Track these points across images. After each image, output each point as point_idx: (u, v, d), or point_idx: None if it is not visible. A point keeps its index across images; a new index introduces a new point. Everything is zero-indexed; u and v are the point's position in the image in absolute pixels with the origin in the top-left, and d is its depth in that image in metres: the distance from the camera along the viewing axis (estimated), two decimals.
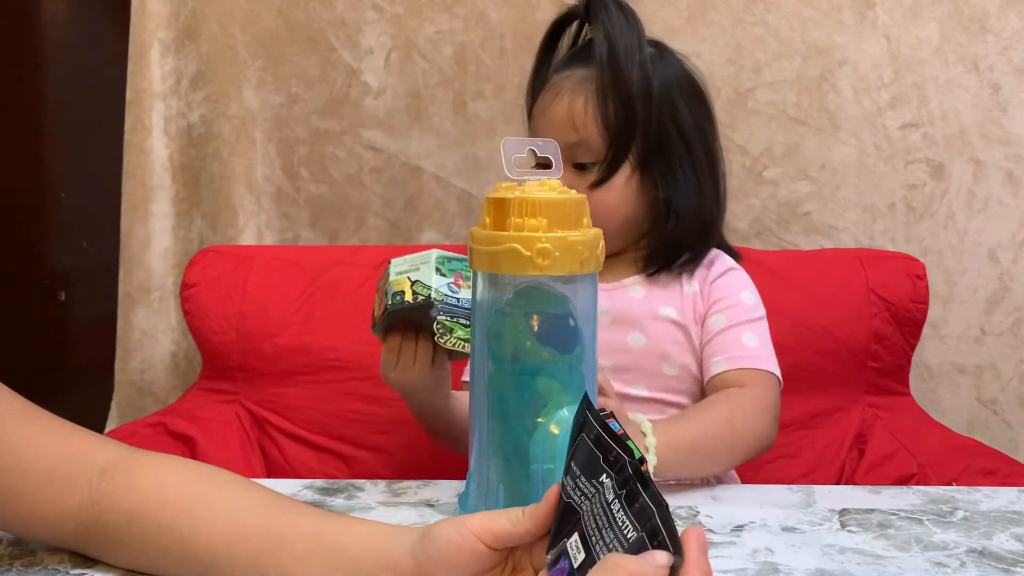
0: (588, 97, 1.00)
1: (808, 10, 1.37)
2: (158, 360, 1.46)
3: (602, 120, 0.99)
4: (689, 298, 1.03)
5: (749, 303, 1.03)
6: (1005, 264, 1.40)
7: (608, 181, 1.00)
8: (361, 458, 1.22)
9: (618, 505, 0.49)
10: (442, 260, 0.83)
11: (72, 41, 1.54)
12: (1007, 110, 1.37)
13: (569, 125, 1.00)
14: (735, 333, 1.00)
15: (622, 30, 0.99)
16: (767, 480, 1.19)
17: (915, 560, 0.69)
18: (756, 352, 0.99)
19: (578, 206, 0.69)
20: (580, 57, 1.04)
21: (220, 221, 1.44)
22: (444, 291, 0.81)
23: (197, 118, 1.44)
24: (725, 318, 1.01)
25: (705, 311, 1.03)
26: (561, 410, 0.67)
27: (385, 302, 0.82)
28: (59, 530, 0.64)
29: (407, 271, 0.82)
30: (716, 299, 1.03)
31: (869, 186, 1.40)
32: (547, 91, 1.04)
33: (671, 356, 1.01)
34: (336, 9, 1.40)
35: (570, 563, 0.51)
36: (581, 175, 1.00)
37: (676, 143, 1.03)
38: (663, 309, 1.02)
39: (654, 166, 1.02)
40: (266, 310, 1.26)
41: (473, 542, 0.55)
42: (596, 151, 1.00)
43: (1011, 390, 1.41)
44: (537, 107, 1.05)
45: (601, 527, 0.49)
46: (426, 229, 1.44)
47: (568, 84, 1.01)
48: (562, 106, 1.01)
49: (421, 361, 0.86)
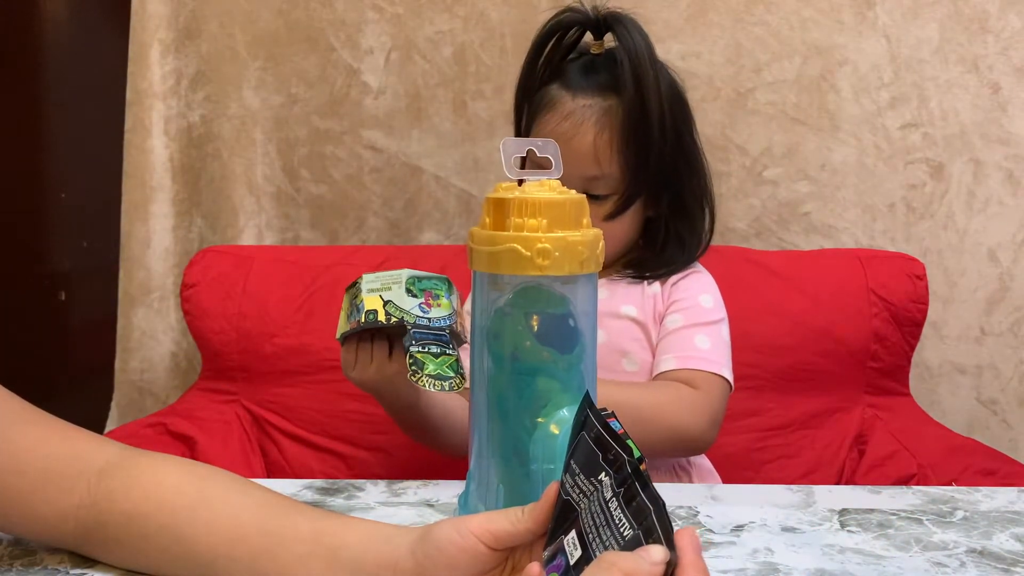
0: (614, 133, 0.98)
1: (808, 10, 1.37)
2: (158, 360, 1.46)
3: (624, 157, 0.98)
4: (650, 298, 1.04)
5: (707, 306, 1.04)
6: (1005, 264, 1.40)
7: (623, 213, 1.00)
8: (361, 458, 1.22)
9: (616, 504, 0.49)
10: (412, 280, 0.84)
11: (72, 41, 1.54)
12: (1007, 110, 1.37)
13: (591, 160, 0.98)
14: (689, 334, 1.01)
15: (642, 54, 0.97)
16: (767, 480, 1.19)
17: (915, 560, 0.69)
18: (707, 354, 0.99)
19: (578, 206, 0.69)
20: (598, 81, 1.00)
21: (220, 221, 1.44)
22: (416, 312, 0.82)
23: (197, 118, 1.44)
24: (682, 318, 1.02)
25: (664, 311, 1.04)
26: (561, 410, 0.67)
27: (357, 318, 0.83)
28: (58, 530, 0.64)
29: (378, 289, 0.84)
30: (675, 299, 1.04)
31: (869, 186, 1.40)
32: (560, 113, 1.00)
33: (631, 353, 1.02)
34: (336, 9, 1.40)
35: (566, 560, 0.51)
36: (594, 205, 0.98)
37: (681, 166, 1.03)
38: (624, 308, 1.04)
39: (659, 190, 1.03)
40: (266, 310, 1.26)
41: (473, 542, 0.55)
42: (614, 185, 1.00)
43: (1011, 390, 1.41)
44: (545, 126, 1.01)
45: (599, 525, 0.49)
46: (426, 229, 1.44)
47: (591, 115, 0.99)
48: (586, 139, 0.98)
49: (378, 358, 0.86)
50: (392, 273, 0.85)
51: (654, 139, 0.98)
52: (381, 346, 0.87)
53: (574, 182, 0.98)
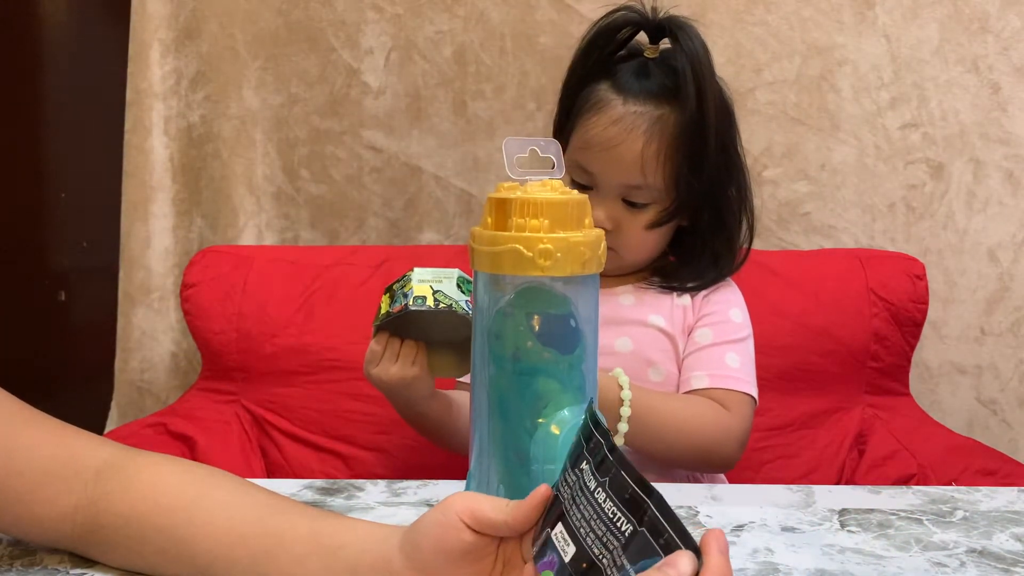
0: (663, 143, 0.95)
1: (808, 10, 1.37)
2: (158, 360, 1.46)
3: (673, 170, 0.96)
4: (679, 309, 1.04)
5: (737, 321, 1.03)
6: (1005, 264, 1.40)
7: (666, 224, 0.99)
8: (361, 458, 1.22)
9: (604, 495, 0.48)
10: (463, 280, 0.86)
11: (72, 41, 1.54)
12: (1007, 110, 1.37)
13: (637, 169, 0.96)
14: (720, 351, 1.00)
15: (704, 63, 0.94)
16: (767, 480, 1.19)
17: (915, 560, 0.69)
18: (737, 373, 0.99)
19: (580, 207, 0.69)
20: (652, 87, 0.97)
21: (220, 221, 1.44)
22: (464, 306, 0.84)
23: (197, 118, 1.44)
24: (712, 333, 1.01)
25: (693, 323, 1.03)
26: (562, 411, 0.67)
27: (404, 302, 0.84)
28: (56, 531, 0.64)
29: (429, 281, 0.85)
30: (706, 312, 1.03)
31: (869, 186, 1.40)
32: (608, 117, 0.97)
33: (657, 363, 1.01)
34: (336, 9, 1.40)
35: (559, 556, 0.50)
36: (632, 211, 0.98)
37: (726, 180, 1.02)
38: (652, 317, 1.03)
39: (703, 203, 1.01)
40: (266, 310, 1.26)
41: (454, 520, 0.54)
42: (655, 195, 0.98)
43: (1011, 390, 1.42)
44: (591, 128, 0.98)
45: (588, 518, 0.48)
46: (426, 229, 1.44)
47: (642, 123, 0.96)
48: (635, 148, 0.96)
49: (404, 358, 0.87)
50: (445, 270, 0.87)
51: (709, 151, 0.96)
52: (409, 348, 0.87)
53: (613, 188, 0.98)
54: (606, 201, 0.98)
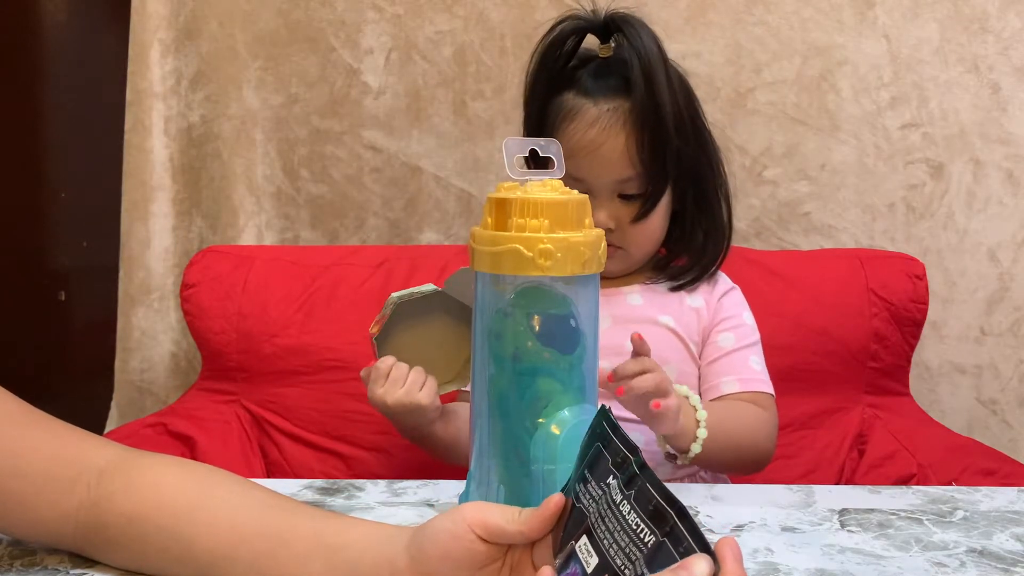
0: (644, 132, 0.97)
1: (808, 10, 1.37)
2: (158, 360, 1.46)
3: (650, 153, 0.97)
4: (691, 311, 1.04)
5: (751, 324, 1.06)
6: (1005, 264, 1.40)
7: (654, 210, 1.00)
8: (361, 458, 1.22)
9: (628, 507, 0.48)
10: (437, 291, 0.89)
11: (72, 41, 1.54)
12: (1007, 110, 1.37)
13: (625, 161, 0.97)
14: (744, 355, 1.02)
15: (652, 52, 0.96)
16: (767, 480, 1.19)
17: (915, 560, 0.69)
18: (761, 375, 1.02)
19: (580, 207, 0.69)
20: (616, 83, 0.99)
21: (220, 221, 1.44)
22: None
23: (197, 118, 1.44)
24: (733, 337, 1.03)
25: (711, 327, 1.04)
26: (562, 411, 0.67)
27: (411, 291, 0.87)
28: (58, 532, 0.64)
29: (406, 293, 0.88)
30: (723, 317, 1.05)
31: (869, 186, 1.40)
32: (584, 121, 0.98)
33: (670, 362, 1.01)
34: (336, 9, 1.40)
35: (582, 568, 0.50)
36: (630, 205, 1.00)
37: (701, 159, 1.03)
38: (662, 317, 1.03)
39: (685, 184, 1.03)
40: (266, 310, 1.26)
41: (466, 530, 0.54)
42: (644, 183, 0.99)
43: (1011, 390, 1.42)
44: (572, 136, 0.99)
45: (612, 530, 0.49)
46: (426, 229, 1.44)
47: (618, 117, 0.97)
48: (618, 142, 0.97)
49: (411, 382, 0.87)
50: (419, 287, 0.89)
51: (670, 136, 0.97)
52: (418, 374, 0.88)
53: (606, 187, 0.99)
54: (603, 202, 0.99)
